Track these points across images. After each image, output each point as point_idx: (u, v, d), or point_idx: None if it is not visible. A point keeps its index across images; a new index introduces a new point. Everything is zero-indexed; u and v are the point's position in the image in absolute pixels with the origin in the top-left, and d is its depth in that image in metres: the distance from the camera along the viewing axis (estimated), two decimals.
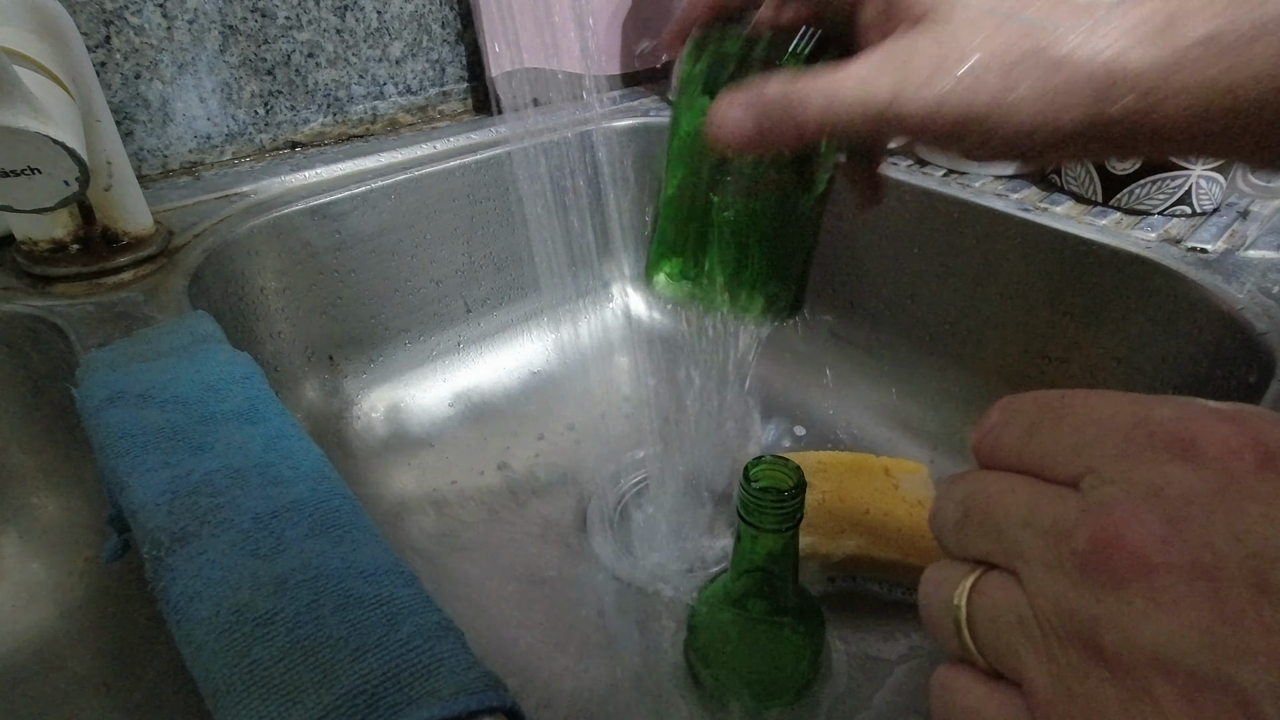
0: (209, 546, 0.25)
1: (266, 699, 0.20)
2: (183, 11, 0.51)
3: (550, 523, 0.51)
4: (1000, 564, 0.18)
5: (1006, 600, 0.17)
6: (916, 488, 0.47)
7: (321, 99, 0.59)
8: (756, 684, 0.38)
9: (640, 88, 0.75)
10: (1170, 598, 0.14)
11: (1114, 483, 0.16)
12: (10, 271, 0.42)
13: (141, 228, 0.45)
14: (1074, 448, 0.17)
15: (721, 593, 0.38)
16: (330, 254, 0.53)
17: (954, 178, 0.54)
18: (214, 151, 0.56)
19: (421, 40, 0.62)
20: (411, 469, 0.54)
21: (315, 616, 0.23)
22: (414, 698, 0.20)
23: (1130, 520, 0.15)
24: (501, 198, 0.60)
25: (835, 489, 0.46)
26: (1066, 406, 0.18)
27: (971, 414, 0.54)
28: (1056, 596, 0.16)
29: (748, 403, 0.57)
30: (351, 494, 0.28)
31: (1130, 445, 0.16)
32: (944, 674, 0.19)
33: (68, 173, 0.36)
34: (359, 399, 0.56)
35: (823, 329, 0.63)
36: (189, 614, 0.23)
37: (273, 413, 0.31)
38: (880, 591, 0.45)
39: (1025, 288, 0.50)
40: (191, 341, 0.35)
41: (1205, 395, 0.44)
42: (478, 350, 0.63)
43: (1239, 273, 0.43)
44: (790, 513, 0.33)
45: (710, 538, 0.50)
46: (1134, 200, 0.49)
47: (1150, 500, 0.15)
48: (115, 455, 0.28)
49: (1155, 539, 0.15)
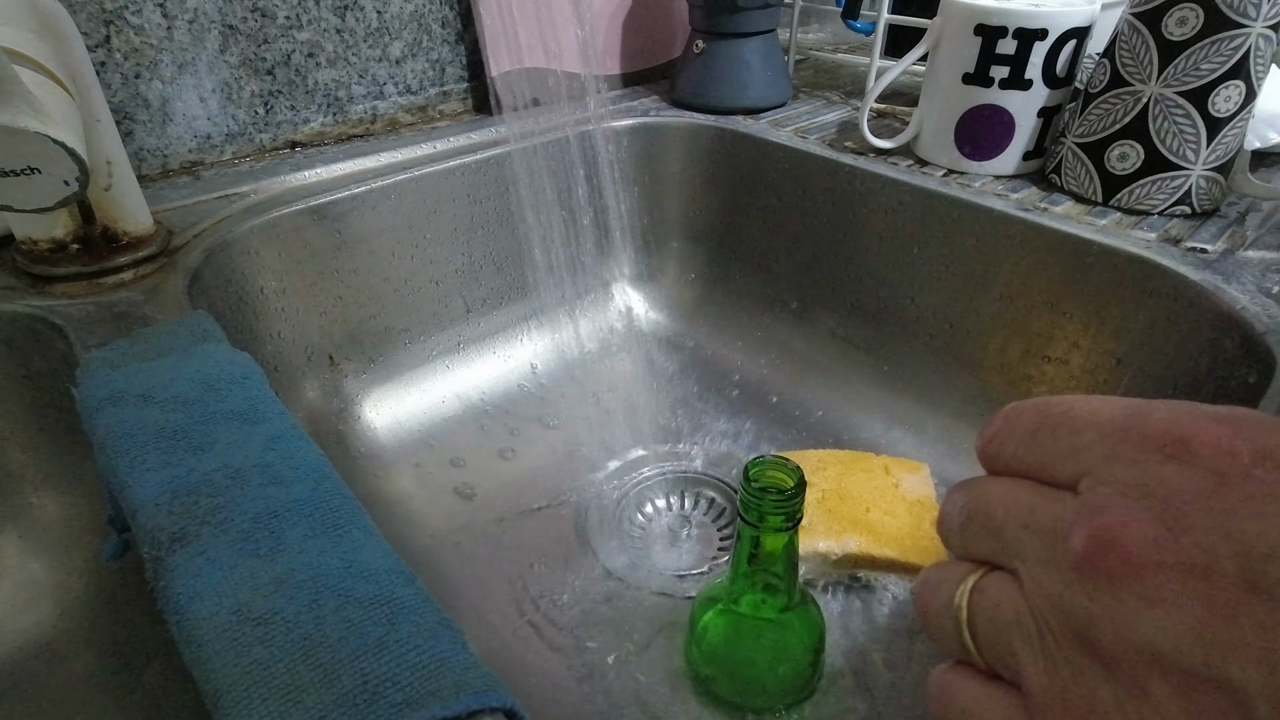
0: (209, 546, 0.25)
1: (266, 699, 0.20)
2: (183, 11, 0.51)
3: (551, 522, 0.51)
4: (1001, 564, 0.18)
5: (1006, 599, 0.17)
6: (916, 487, 0.47)
7: (321, 99, 0.59)
8: (757, 684, 0.38)
9: (640, 87, 0.75)
10: (1163, 595, 0.14)
11: (1109, 484, 0.16)
12: (10, 271, 0.42)
13: (141, 228, 0.45)
14: (1072, 451, 0.17)
15: (722, 593, 0.38)
16: (330, 254, 0.53)
17: (954, 178, 0.54)
18: (214, 151, 0.56)
19: (421, 40, 0.62)
20: (411, 469, 0.54)
21: (315, 616, 0.23)
22: (414, 698, 0.20)
23: (1124, 520, 0.15)
24: (501, 198, 0.60)
25: (835, 488, 0.46)
26: (1066, 412, 0.18)
27: (972, 414, 0.54)
28: (1053, 595, 0.16)
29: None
30: (351, 494, 0.28)
31: (1125, 447, 0.16)
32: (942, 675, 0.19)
33: (68, 173, 0.36)
34: (359, 399, 0.56)
35: (823, 329, 0.63)
36: (189, 614, 0.23)
37: (273, 412, 0.31)
38: (881, 591, 0.45)
39: (1025, 288, 0.50)
40: (191, 341, 0.35)
41: (1205, 395, 0.44)
42: (478, 350, 0.63)
43: (1239, 273, 0.43)
44: (790, 512, 0.33)
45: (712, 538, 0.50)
46: (1134, 200, 0.49)
47: (1144, 500, 0.15)
48: (115, 455, 0.28)
49: (1148, 538, 0.15)
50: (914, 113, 0.57)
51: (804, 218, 0.62)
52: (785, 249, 0.64)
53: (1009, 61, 0.50)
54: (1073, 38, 0.49)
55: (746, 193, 0.65)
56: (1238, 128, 0.46)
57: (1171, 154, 0.47)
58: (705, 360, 0.65)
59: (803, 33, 0.97)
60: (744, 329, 0.67)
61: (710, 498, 0.53)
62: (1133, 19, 0.46)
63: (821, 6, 0.92)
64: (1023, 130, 0.53)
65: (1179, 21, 0.44)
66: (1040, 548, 0.17)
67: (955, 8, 0.51)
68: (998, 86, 0.51)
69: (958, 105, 0.53)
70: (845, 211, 0.59)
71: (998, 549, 0.18)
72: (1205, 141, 0.46)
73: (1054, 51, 0.49)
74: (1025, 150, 0.53)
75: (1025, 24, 0.49)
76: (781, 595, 0.36)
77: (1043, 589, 0.16)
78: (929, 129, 0.56)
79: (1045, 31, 0.49)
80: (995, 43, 0.50)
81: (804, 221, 0.62)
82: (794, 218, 0.62)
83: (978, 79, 0.52)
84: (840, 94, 0.74)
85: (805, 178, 0.60)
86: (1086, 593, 0.15)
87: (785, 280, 0.65)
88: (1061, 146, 0.52)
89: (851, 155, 0.58)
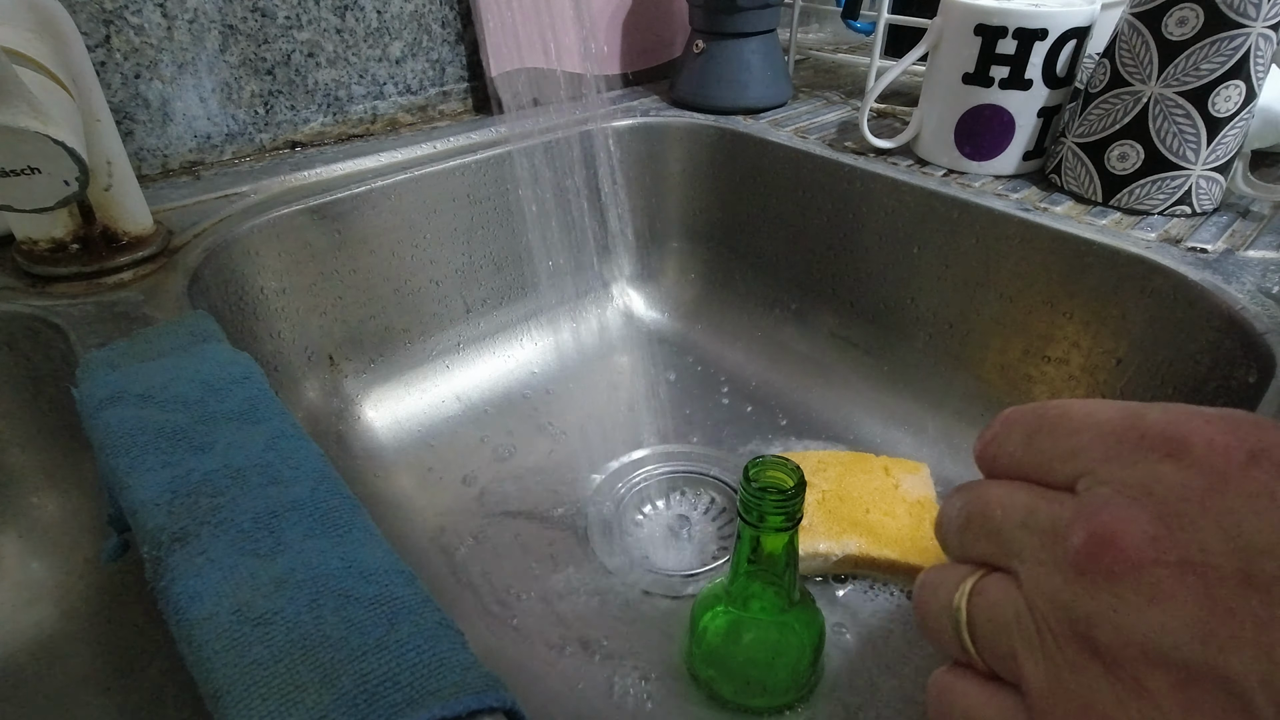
0: (209, 546, 0.25)
1: (266, 699, 0.20)
2: (183, 11, 0.51)
3: (551, 523, 0.51)
4: (1000, 565, 0.18)
5: (1005, 600, 0.17)
6: (916, 488, 0.47)
7: (321, 99, 0.59)
8: (757, 684, 0.38)
9: (640, 87, 0.75)
10: (1161, 592, 0.15)
11: (1107, 483, 0.16)
12: (10, 271, 0.42)
13: (141, 227, 0.45)
14: (1069, 452, 0.17)
15: (721, 593, 0.38)
16: (330, 254, 0.53)
17: (954, 178, 0.54)
18: (214, 151, 0.56)
19: (421, 40, 0.62)
20: (411, 469, 0.54)
21: (315, 616, 0.23)
22: (414, 698, 0.20)
23: (1122, 519, 0.15)
24: (501, 198, 0.60)
25: (835, 488, 0.46)
26: (1062, 414, 0.18)
27: (972, 414, 0.54)
28: (1052, 594, 0.16)
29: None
30: (351, 494, 0.28)
31: (1122, 448, 0.16)
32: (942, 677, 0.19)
33: (68, 172, 0.36)
34: (359, 399, 0.56)
35: (823, 329, 0.63)
36: (189, 614, 0.23)
37: (273, 412, 0.31)
38: (881, 591, 0.45)
39: (1025, 288, 0.50)
40: (191, 341, 0.35)
41: (1205, 395, 0.44)
42: (477, 350, 0.63)
43: (1239, 273, 0.43)
44: (790, 512, 0.33)
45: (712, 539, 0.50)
46: (1134, 200, 0.49)
47: (1141, 499, 0.15)
48: (115, 455, 0.28)
49: (1146, 536, 0.15)
50: (914, 113, 0.57)
51: (804, 218, 0.62)
52: (785, 249, 0.64)
53: (1009, 61, 0.50)
54: (1073, 38, 0.49)
55: (746, 193, 0.65)
56: (1238, 128, 0.46)
57: (1171, 154, 0.47)
58: (705, 360, 0.65)
59: (803, 33, 0.97)
60: (744, 329, 0.67)
61: (710, 498, 0.53)
62: (1133, 19, 0.46)
63: (821, 6, 0.92)
64: (1023, 130, 0.53)
65: (1179, 21, 0.44)
66: (1039, 548, 0.17)
67: (955, 8, 0.51)
68: (998, 86, 0.51)
69: (958, 105, 0.53)
70: (845, 211, 0.59)
71: (997, 550, 0.18)
72: (1205, 141, 0.46)
73: (1054, 51, 0.49)
74: (1025, 150, 0.53)
75: (1025, 24, 0.49)
76: (781, 595, 0.36)
77: (1042, 588, 0.16)
78: (929, 129, 0.56)
79: (1045, 31, 0.49)
80: (995, 43, 0.50)
81: (804, 221, 0.62)
82: (794, 218, 0.62)
83: (978, 79, 0.52)
84: (840, 94, 0.74)
85: (805, 178, 0.60)
86: (1086, 591, 0.15)
87: (785, 280, 0.65)
88: (1061, 146, 0.52)
89: (851, 155, 0.58)
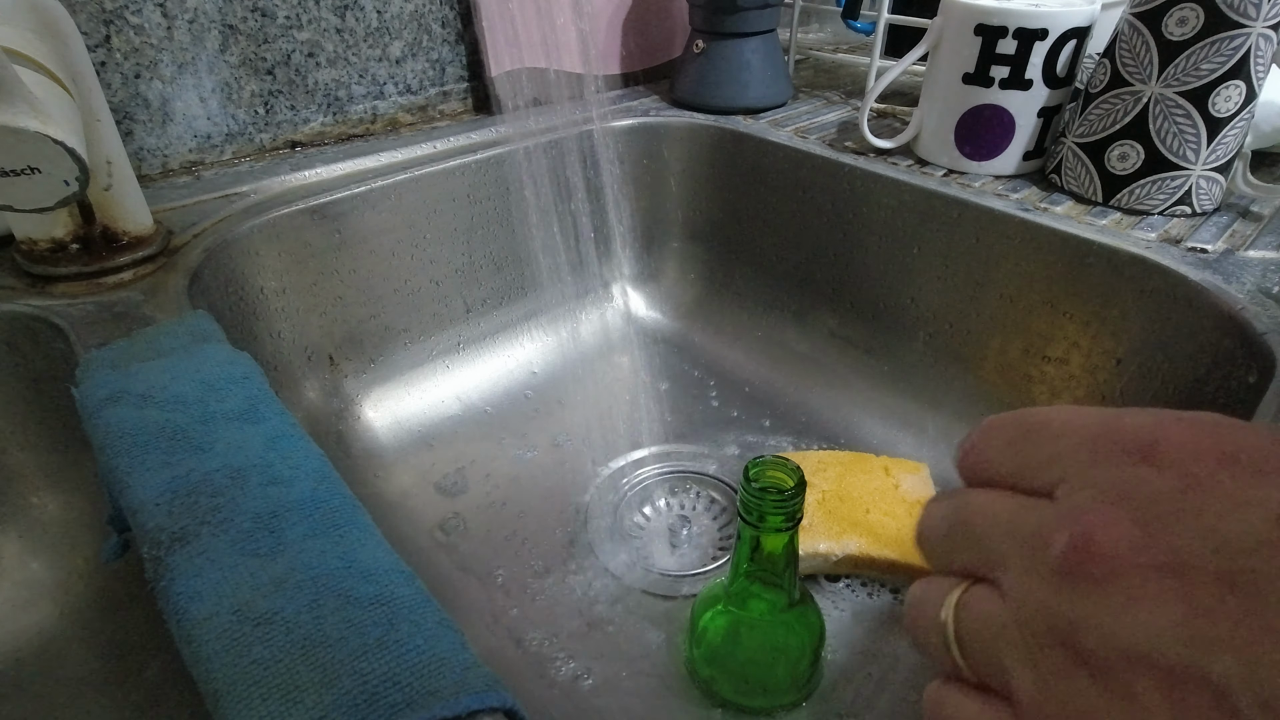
0: (209, 546, 0.25)
1: (266, 699, 0.20)
2: (183, 11, 0.51)
3: (550, 522, 0.51)
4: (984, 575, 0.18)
5: (991, 610, 0.17)
6: (916, 488, 0.47)
7: (321, 99, 0.59)
8: (757, 684, 0.38)
9: (640, 87, 0.75)
10: (1145, 595, 0.15)
11: (1086, 489, 0.16)
12: (10, 271, 0.42)
13: (141, 227, 0.45)
14: (1049, 459, 0.17)
15: (721, 593, 0.38)
16: (330, 254, 0.53)
17: (954, 177, 0.54)
18: (214, 151, 0.56)
19: (421, 40, 0.62)
20: (411, 469, 0.54)
21: (315, 616, 0.23)
22: (414, 698, 0.20)
23: (1103, 522, 0.15)
24: (501, 198, 0.60)
25: (835, 489, 0.46)
26: (1042, 421, 0.18)
27: (972, 414, 0.54)
28: (1037, 602, 0.16)
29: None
30: (351, 494, 0.28)
31: (1099, 453, 0.17)
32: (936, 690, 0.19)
33: (68, 172, 0.36)
34: (359, 399, 0.56)
35: (823, 329, 0.63)
36: (189, 614, 0.23)
37: (273, 412, 0.31)
38: (880, 591, 0.45)
39: (1025, 288, 0.50)
40: (191, 341, 0.35)
41: (1205, 395, 0.44)
42: (477, 350, 0.63)
43: (1239, 273, 0.43)
44: (790, 512, 0.33)
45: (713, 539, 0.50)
46: (1134, 200, 0.49)
47: (1120, 503, 0.16)
48: (115, 455, 0.28)
49: (1126, 540, 0.15)
50: (914, 113, 0.57)
51: (804, 218, 0.62)
52: (785, 249, 0.64)
53: (1009, 61, 0.50)
54: (1073, 38, 0.49)
55: (746, 193, 0.65)
56: (1238, 128, 0.46)
57: (1172, 154, 0.47)
58: (705, 360, 0.65)
59: (803, 33, 0.97)
60: (744, 329, 0.67)
61: (710, 498, 0.53)
62: (1133, 19, 0.46)
63: (821, 6, 0.92)
64: (1023, 130, 0.53)
65: (1179, 21, 0.44)
66: (1022, 555, 0.17)
67: (955, 8, 0.51)
68: (998, 86, 0.51)
69: (958, 105, 0.53)
70: (845, 211, 0.59)
71: (980, 559, 0.18)
72: (1205, 141, 0.46)
73: (1054, 51, 0.49)
74: (1025, 150, 0.53)
75: (1025, 24, 0.49)
76: (781, 595, 0.36)
77: (1026, 596, 0.16)
78: (929, 129, 0.56)
79: (1045, 31, 0.49)
80: (995, 43, 0.50)
81: (804, 221, 0.62)
82: (794, 218, 0.62)
83: (978, 79, 0.52)
84: (840, 94, 0.74)
85: (805, 178, 0.60)
86: (1070, 597, 0.15)
87: (785, 280, 0.65)
88: (1062, 146, 0.52)
89: (851, 155, 0.58)
